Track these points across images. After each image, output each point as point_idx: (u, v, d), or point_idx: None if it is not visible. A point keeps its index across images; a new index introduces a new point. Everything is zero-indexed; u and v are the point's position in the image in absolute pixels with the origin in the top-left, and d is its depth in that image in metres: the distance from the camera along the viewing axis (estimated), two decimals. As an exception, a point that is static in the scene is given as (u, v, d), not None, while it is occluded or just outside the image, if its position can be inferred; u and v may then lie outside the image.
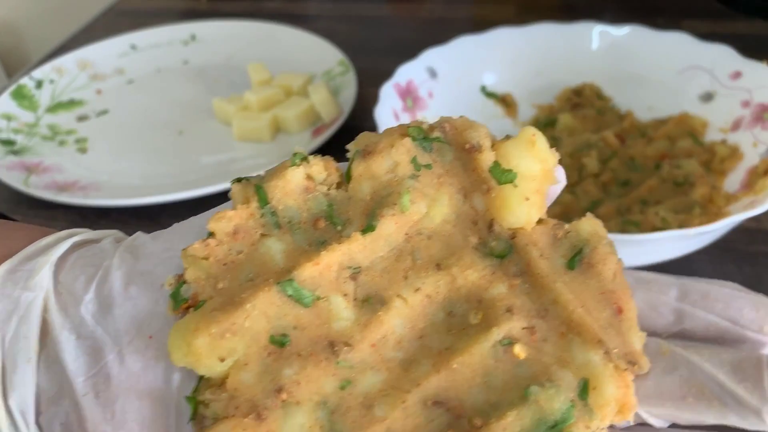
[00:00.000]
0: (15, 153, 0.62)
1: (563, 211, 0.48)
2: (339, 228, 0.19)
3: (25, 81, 0.71)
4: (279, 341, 0.19)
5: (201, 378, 0.19)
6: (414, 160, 0.20)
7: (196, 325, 0.18)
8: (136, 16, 0.89)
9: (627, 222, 0.45)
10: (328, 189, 0.20)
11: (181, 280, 0.19)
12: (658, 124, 0.57)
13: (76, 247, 0.23)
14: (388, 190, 0.20)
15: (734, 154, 0.51)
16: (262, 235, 0.19)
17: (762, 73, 0.53)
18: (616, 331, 0.19)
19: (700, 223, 0.44)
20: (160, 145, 0.63)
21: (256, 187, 0.20)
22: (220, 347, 0.18)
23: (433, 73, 0.59)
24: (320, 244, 0.19)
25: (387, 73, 0.55)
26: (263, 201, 0.20)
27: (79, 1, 1.07)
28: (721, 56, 0.56)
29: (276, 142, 0.62)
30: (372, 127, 0.50)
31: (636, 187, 0.50)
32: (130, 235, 0.24)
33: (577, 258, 0.20)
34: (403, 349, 0.19)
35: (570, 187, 0.50)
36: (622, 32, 0.61)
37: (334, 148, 0.62)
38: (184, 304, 0.19)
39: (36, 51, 1.22)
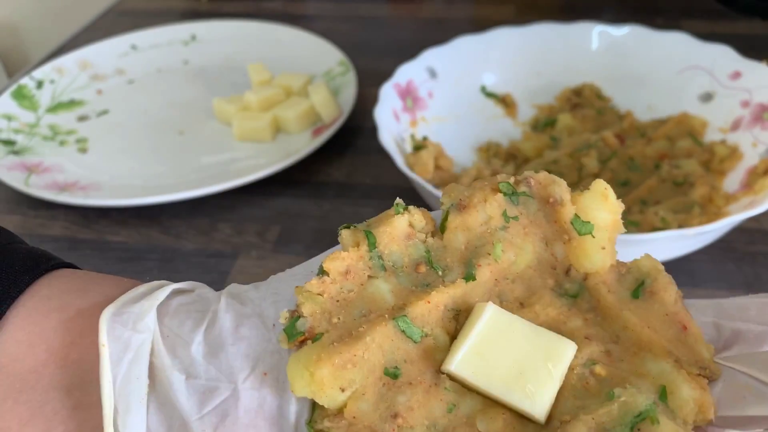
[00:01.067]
0: (15, 153, 0.62)
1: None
2: (440, 273, 0.22)
3: (26, 81, 0.71)
4: (393, 373, 0.20)
5: (315, 408, 0.20)
6: (504, 213, 0.22)
7: (318, 356, 0.19)
8: (136, 16, 0.89)
9: (627, 222, 0.45)
10: (426, 237, 0.22)
11: (296, 315, 0.21)
12: (657, 124, 0.57)
13: (173, 295, 0.23)
14: (482, 240, 0.22)
15: (734, 154, 0.51)
16: (370, 277, 0.21)
17: (761, 73, 0.53)
18: (683, 344, 0.21)
19: (700, 223, 0.44)
20: (160, 145, 0.64)
21: (367, 233, 0.22)
22: (342, 378, 0.20)
23: (433, 73, 0.59)
24: (425, 286, 0.21)
25: (387, 73, 0.56)
26: (372, 245, 0.22)
27: (80, 1, 1.07)
28: (721, 56, 0.56)
29: (276, 142, 0.62)
30: (372, 127, 0.50)
31: (636, 187, 0.50)
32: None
33: (640, 288, 0.22)
34: None
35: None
36: (621, 32, 0.61)
37: (335, 147, 0.62)
38: (300, 337, 0.20)
39: (36, 51, 1.23)
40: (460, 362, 0.20)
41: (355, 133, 0.64)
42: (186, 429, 0.20)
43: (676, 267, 0.47)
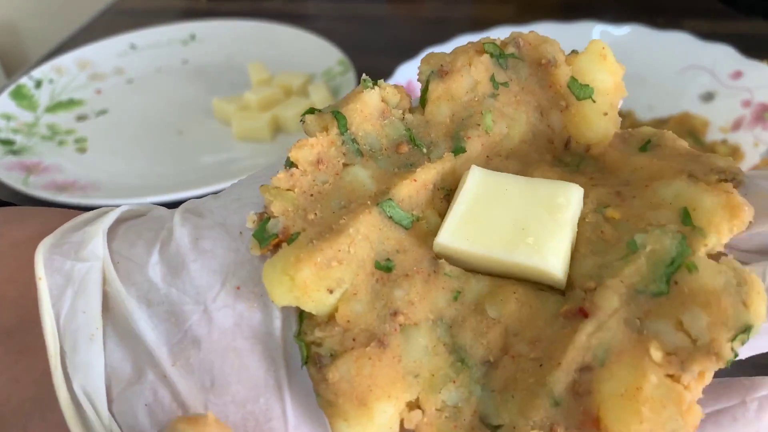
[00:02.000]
0: (14, 153, 0.62)
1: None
2: (425, 150, 0.19)
3: (25, 81, 0.71)
4: (385, 266, 0.18)
5: (302, 318, 0.17)
6: (492, 78, 0.19)
7: (296, 258, 0.17)
8: (135, 15, 0.89)
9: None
10: (403, 113, 0.20)
11: (265, 216, 0.18)
12: (658, 123, 0.56)
13: (121, 220, 0.20)
14: (469, 111, 0.19)
15: (735, 153, 0.51)
16: (345, 165, 0.19)
17: (763, 72, 0.53)
18: (695, 160, 0.18)
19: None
20: (159, 144, 0.63)
21: (335, 113, 0.19)
22: (328, 277, 0.17)
23: (433, 73, 0.58)
24: (409, 166, 0.19)
25: (387, 73, 0.55)
26: (343, 128, 0.19)
27: (79, 0, 1.07)
28: (722, 56, 0.55)
29: (276, 142, 0.62)
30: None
31: (636, 187, 0.50)
32: None
33: (648, 144, 0.20)
34: None
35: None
36: (622, 32, 0.61)
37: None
38: (273, 240, 0.18)
39: (35, 51, 1.22)
40: (454, 233, 0.18)
41: (355, 133, 0.64)
42: (154, 363, 0.17)
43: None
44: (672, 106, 0.57)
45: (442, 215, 0.19)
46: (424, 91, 0.20)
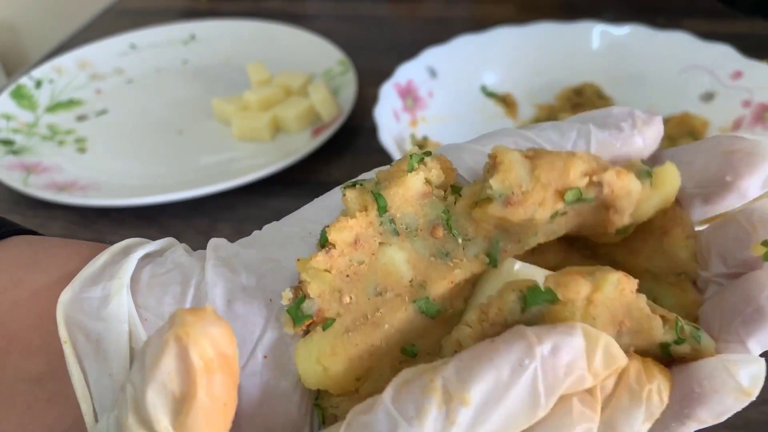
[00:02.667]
0: (14, 153, 0.62)
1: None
2: (460, 241, 0.19)
3: (25, 81, 0.71)
4: (410, 351, 0.18)
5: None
6: (553, 215, 0.18)
7: (332, 349, 0.17)
8: (135, 15, 0.89)
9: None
10: (445, 193, 0.19)
11: (300, 294, 0.18)
12: (658, 123, 0.57)
13: (143, 262, 0.20)
14: (515, 229, 0.19)
15: (735, 153, 0.51)
16: (381, 243, 0.18)
17: (763, 72, 0.53)
18: (662, 253, 0.20)
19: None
20: (159, 144, 0.63)
21: (376, 195, 0.18)
22: (359, 369, 0.18)
23: (433, 73, 0.58)
24: (444, 255, 0.18)
25: (387, 73, 0.55)
26: (383, 209, 0.18)
27: (79, 0, 1.07)
28: (722, 56, 0.55)
29: (276, 142, 0.62)
30: (372, 126, 0.50)
31: (637, 187, 0.50)
32: (133, 237, 0.22)
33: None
34: None
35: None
36: (622, 32, 0.61)
37: (335, 147, 0.62)
38: (308, 321, 0.18)
39: (35, 51, 1.22)
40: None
41: (355, 133, 0.63)
42: None
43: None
44: (672, 106, 0.57)
45: (467, 300, 0.19)
46: (481, 199, 0.18)
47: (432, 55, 0.58)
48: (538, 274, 0.18)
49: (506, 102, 0.61)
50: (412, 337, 0.18)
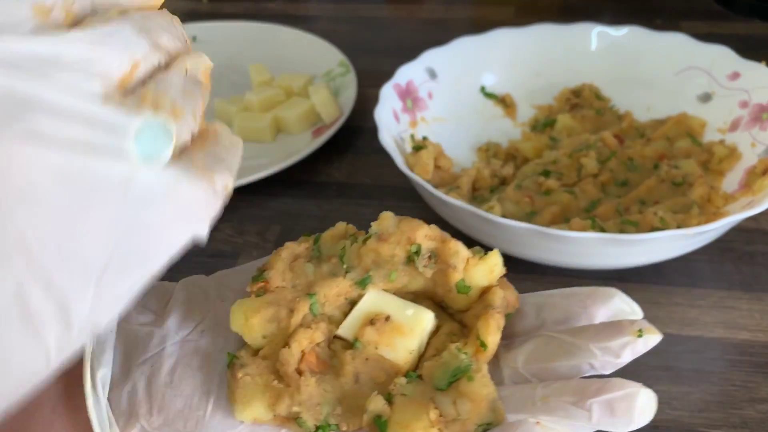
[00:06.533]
0: (17, 153, 0.62)
1: (562, 211, 0.48)
2: (345, 267, 0.28)
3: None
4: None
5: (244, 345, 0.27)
6: (409, 257, 0.28)
7: (256, 309, 0.26)
8: (137, 17, 0.89)
9: (625, 222, 0.45)
10: (354, 237, 0.29)
11: (266, 268, 0.28)
12: (656, 124, 0.57)
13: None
14: (386, 265, 0.28)
15: (732, 154, 0.51)
16: (307, 260, 0.29)
17: (760, 73, 0.53)
18: (484, 301, 0.28)
19: (699, 223, 0.44)
20: (161, 145, 0.64)
21: (315, 238, 0.30)
22: (266, 330, 0.26)
23: (432, 74, 0.59)
24: (333, 275, 0.28)
25: (387, 74, 0.56)
26: (316, 244, 0.30)
27: (81, 2, 1.07)
28: (720, 57, 0.56)
29: (277, 143, 0.63)
30: (372, 127, 0.51)
31: (635, 187, 0.50)
32: None
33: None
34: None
35: (569, 188, 0.50)
36: (620, 33, 0.61)
37: (335, 148, 0.62)
38: (261, 282, 0.28)
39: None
40: (346, 329, 0.27)
41: (356, 134, 0.64)
42: (139, 370, 0.26)
43: (675, 267, 0.47)
44: (670, 107, 0.57)
45: (345, 313, 0.28)
46: (368, 237, 0.28)
47: (432, 57, 0.59)
48: (388, 297, 0.28)
49: (505, 103, 0.61)
50: (303, 322, 0.27)
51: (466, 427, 0.24)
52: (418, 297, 0.29)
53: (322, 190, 0.57)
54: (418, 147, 0.51)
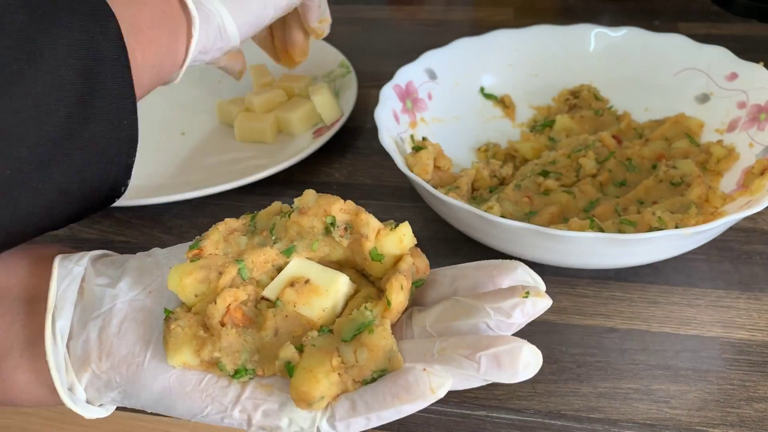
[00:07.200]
0: (19, 154, 0.63)
1: (561, 210, 0.49)
2: (273, 238, 0.31)
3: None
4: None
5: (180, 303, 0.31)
6: (326, 228, 0.31)
7: (190, 271, 0.30)
8: (138, 18, 0.90)
9: (624, 222, 0.45)
10: (287, 215, 0.32)
11: (203, 236, 0.31)
12: (654, 125, 0.57)
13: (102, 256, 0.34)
14: (308, 236, 0.31)
15: (730, 154, 0.52)
16: (243, 234, 0.32)
17: (758, 74, 0.53)
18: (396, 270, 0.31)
19: (697, 223, 0.45)
20: (163, 145, 0.64)
21: (252, 216, 0.33)
22: (198, 289, 0.30)
23: (432, 75, 0.59)
24: (262, 245, 0.31)
25: (387, 75, 0.56)
26: (252, 219, 0.33)
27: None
28: (717, 58, 0.56)
29: (278, 143, 0.63)
30: (372, 128, 0.51)
31: (633, 187, 0.51)
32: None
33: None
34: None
35: (568, 188, 0.51)
36: (619, 34, 0.61)
37: (336, 148, 0.62)
38: (196, 250, 0.31)
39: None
40: (271, 290, 0.30)
41: (356, 134, 0.64)
42: (92, 323, 0.30)
43: (673, 267, 0.47)
44: (668, 108, 0.57)
45: (272, 278, 0.31)
46: (290, 211, 0.32)
47: (431, 58, 0.59)
48: (311, 264, 0.31)
49: (504, 103, 0.62)
50: (233, 284, 0.30)
51: (363, 372, 0.27)
52: (342, 266, 0.32)
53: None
54: (418, 147, 0.52)
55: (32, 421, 0.42)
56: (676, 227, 0.44)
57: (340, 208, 0.31)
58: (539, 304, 0.28)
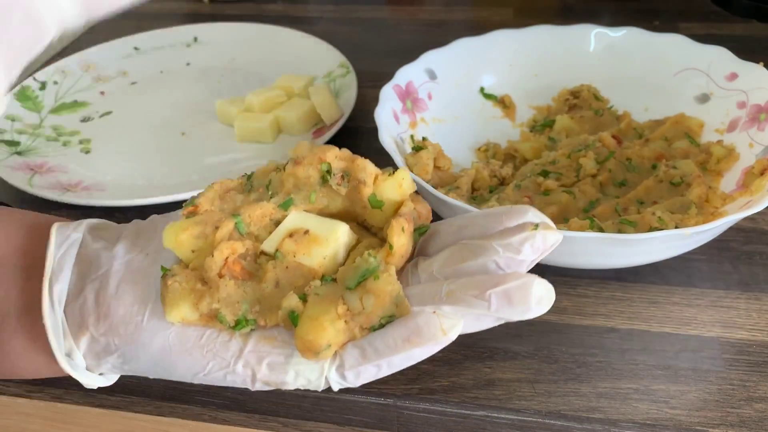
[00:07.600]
0: (19, 153, 0.63)
1: (561, 211, 0.48)
2: (270, 193, 0.31)
3: (29, 82, 0.71)
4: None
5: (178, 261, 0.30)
6: (323, 176, 0.31)
7: (186, 227, 0.29)
8: (139, 18, 0.90)
9: (624, 222, 0.45)
10: (282, 169, 0.31)
11: (197, 196, 0.31)
12: (654, 125, 0.57)
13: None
14: (306, 187, 0.31)
15: (730, 154, 0.52)
16: (239, 193, 0.32)
17: (758, 74, 0.53)
18: (400, 215, 0.30)
19: (697, 223, 0.45)
20: (163, 146, 0.64)
21: (249, 175, 0.33)
22: (195, 245, 0.29)
23: (432, 75, 0.59)
24: (259, 200, 0.31)
25: (387, 75, 0.56)
26: (249, 180, 0.32)
27: (82, 3, 1.07)
28: (717, 58, 0.56)
29: (278, 143, 0.63)
30: (372, 128, 0.51)
31: (633, 187, 0.51)
32: None
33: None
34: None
35: (568, 188, 0.51)
36: (619, 34, 0.61)
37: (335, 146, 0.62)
38: (191, 207, 0.30)
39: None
40: (270, 243, 0.30)
41: (356, 134, 0.64)
42: (94, 281, 0.30)
43: (672, 267, 0.47)
44: (668, 108, 0.57)
45: (268, 229, 0.31)
46: (286, 164, 0.31)
47: (431, 58, 0.59)
48: (310, 216, 0.30)
49: (504, 103, 0.62)
50: (230, 239, 0.30)
51: (371, 319, 0.26)
52: (342, 219, 0.31)
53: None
54: (418, 147, 0.52)
55: (32, 421, 0.42)
56: (676, 227, 0.44)
57: (336, 156, 0.30)
58: (549, 237, 0.26)
